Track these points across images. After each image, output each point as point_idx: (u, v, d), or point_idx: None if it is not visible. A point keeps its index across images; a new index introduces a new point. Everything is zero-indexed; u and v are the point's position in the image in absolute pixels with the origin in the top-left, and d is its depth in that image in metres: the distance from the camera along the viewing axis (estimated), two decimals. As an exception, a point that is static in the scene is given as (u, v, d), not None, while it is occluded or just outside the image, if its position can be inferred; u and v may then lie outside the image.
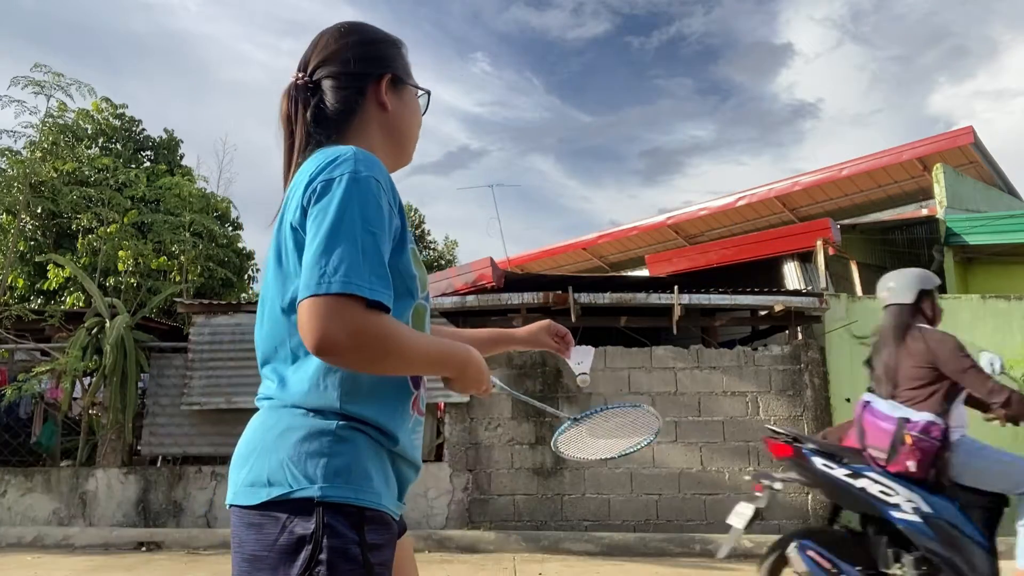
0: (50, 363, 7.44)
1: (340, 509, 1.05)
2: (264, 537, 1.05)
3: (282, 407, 1.13)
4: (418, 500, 7.02)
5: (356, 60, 1.26)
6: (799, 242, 8.35)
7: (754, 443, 7.06)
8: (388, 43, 1.34)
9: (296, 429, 1.10)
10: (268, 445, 1.10)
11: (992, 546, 3.20)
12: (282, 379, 1.14)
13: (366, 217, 1.07)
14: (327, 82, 1.25)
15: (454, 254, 27.44)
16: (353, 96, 1.25)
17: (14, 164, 9.00)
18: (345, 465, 1.08)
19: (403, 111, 1.32)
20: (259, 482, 1.08)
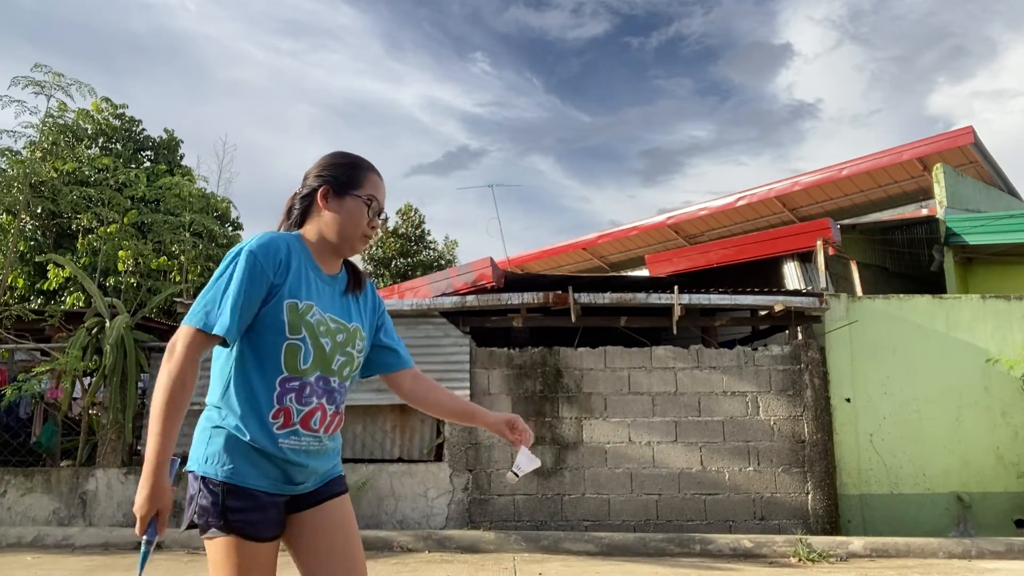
0: (50, 363, 7.44)
1: (207, 481, 1.64)
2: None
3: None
4: (418, 500, 7.03)
5: (313, 176, 1.82)
6: (799, 242, 8.35)
7: (754, 443, 7.06)
8: (344, 164, 1.82)
9: (199, 425, 1.72)
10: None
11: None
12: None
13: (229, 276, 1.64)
14: (302, 189, 1.84)
15: (454, 254, 27.43)
16: (307, 199, 1.81)
17: (14, 164, 9.00)
18: (211, 452, 1.67)
19: (338, 214, 1.78)
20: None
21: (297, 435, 1.68)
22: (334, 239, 1.78)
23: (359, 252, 1.86)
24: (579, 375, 7.27)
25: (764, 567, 5.74)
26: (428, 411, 2.20)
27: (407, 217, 27.07)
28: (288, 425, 1.67)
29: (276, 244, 1.67)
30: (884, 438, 7.23)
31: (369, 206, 1.79)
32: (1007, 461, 7.25)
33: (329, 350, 1.72)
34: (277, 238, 1.69)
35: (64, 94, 8.85)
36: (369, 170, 1.83)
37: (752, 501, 6.96)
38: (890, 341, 7.42)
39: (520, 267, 15.29)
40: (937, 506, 7.11)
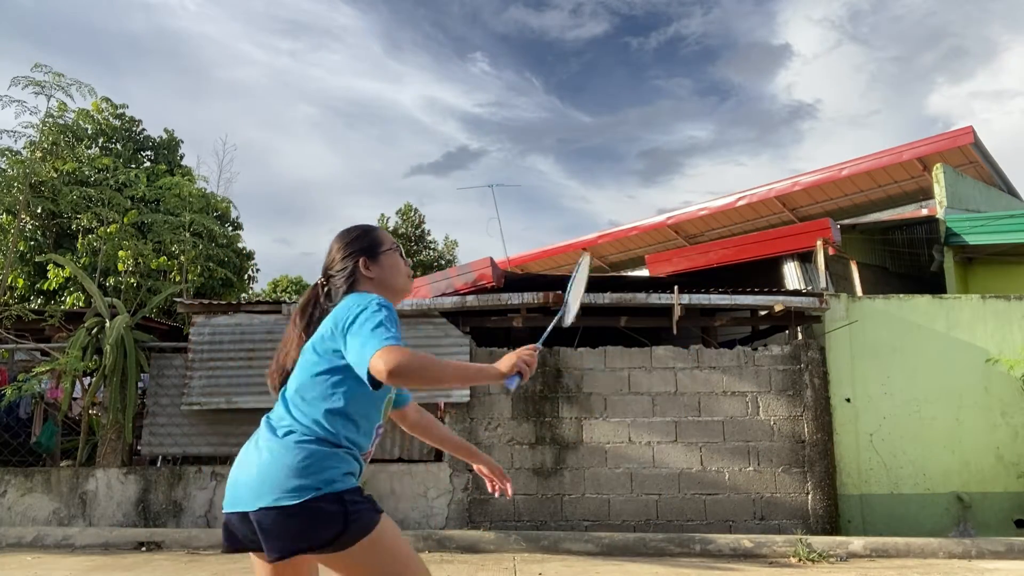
0: (50, 363, 7.43)
1: (345, 495, 1.74)
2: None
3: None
4: (418, 500, 7.02)
5: (341, 259, 2.04)
6: (799, 242, 8.35)
7: (754, 443, 7.06)
8: (360, 235, 2.06)
9: (299, 456, 1.80)
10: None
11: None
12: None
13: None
14: (340, 271, 2.04)
15: (454, 254, 27.43)
16: (351, 277, 2.01)
17: (14, 164, 9.00)
18: (334, 471, 1.78)
19: (383, 272, 2.02)
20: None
21: (362, 468, 1.89)
22: (397, 289, 2.06)
23: (409, 293, 2.15)
24: (579, 375, 7.27)
25: (764, 567, 5.74)
26: (430, 441, 2.36)
27: (407, 217, 27.07)
28: (365, 460, 1.91)
29: (389, 303, 1.88)
30: (884, 438, 7.23)
31: (399, 250, 2.09)
32: (1007, 461, 7.25)
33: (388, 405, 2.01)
34: (384, 300, 1.89)
35: (64, 94, 8.85)
36: (376, 229, 2.12)
37: (752, 501, 6.96)
38: (890, 341, 7.42)
39: (520, 267, 15.29)
40: (937, 506, 7.11)
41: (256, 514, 1.70)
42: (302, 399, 1.90)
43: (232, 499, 1.78)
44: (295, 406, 1.91)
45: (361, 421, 1.86)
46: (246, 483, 1.76)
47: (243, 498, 1.75)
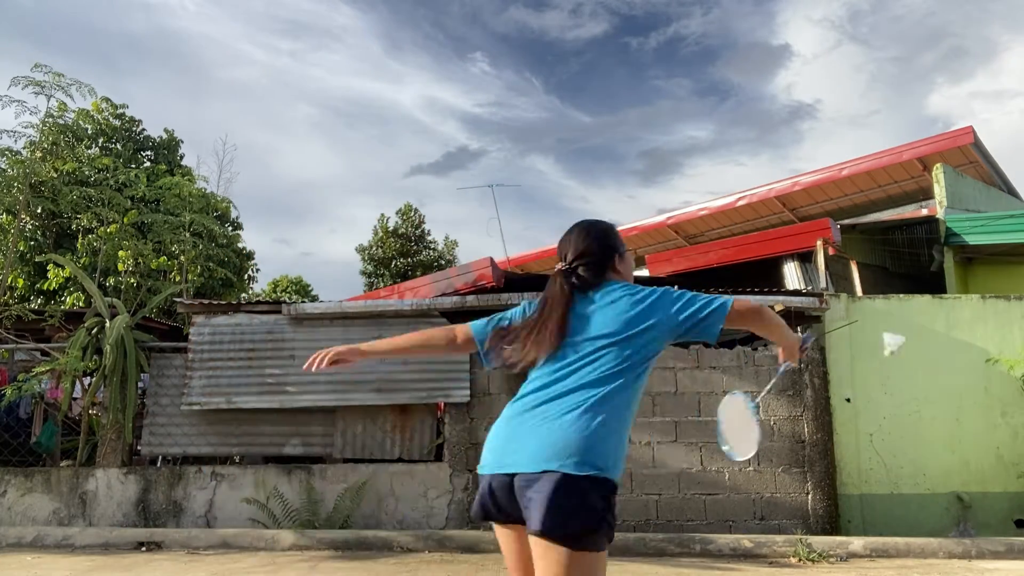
0: (50, 363, 7.43)
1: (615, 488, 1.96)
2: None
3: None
4: (418, 500, 7.02)
5: (600, 248, 2.20)
6: (799, 242, 8.35)
7: (754, 443, 7.05)
8: (613, 233, 2.27)
9: (608, 429, 1.98)
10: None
11: None
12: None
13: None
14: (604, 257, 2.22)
15: (454, 254, 27.43)
16: (603, 268, 2.18)
17: (14, 164, 8.99)
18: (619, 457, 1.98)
19: (626, 269, 2.25)
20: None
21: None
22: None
23: None
24: (579, 375, 7.26)
25: (764, 567, 5.74)
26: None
27: (407, 217, 27.07)
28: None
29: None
30: (884, 438, 7.23)
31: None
32: (1007, 461, 7.25)
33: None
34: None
35: (64, 94, 8.84)
36: (615, 226, 2.34)
37: (752, 501, 6.96)
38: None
39: (520, 267, 15.28)
40: (937, 506, 7.11)
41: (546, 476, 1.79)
42: (604, 386, 1.96)
43: (516, 462, 1.87)
44: (594, 390, 1.95)
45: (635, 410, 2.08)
46: (539, 447, 1.84)
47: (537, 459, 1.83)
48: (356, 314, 7.39)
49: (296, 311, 7.38)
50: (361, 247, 26.82)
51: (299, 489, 7.03)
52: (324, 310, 7.39)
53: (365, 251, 26.72)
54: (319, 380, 7.22)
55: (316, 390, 7.19)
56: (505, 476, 1.88)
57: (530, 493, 1.80)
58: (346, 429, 7.27)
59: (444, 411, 7.30)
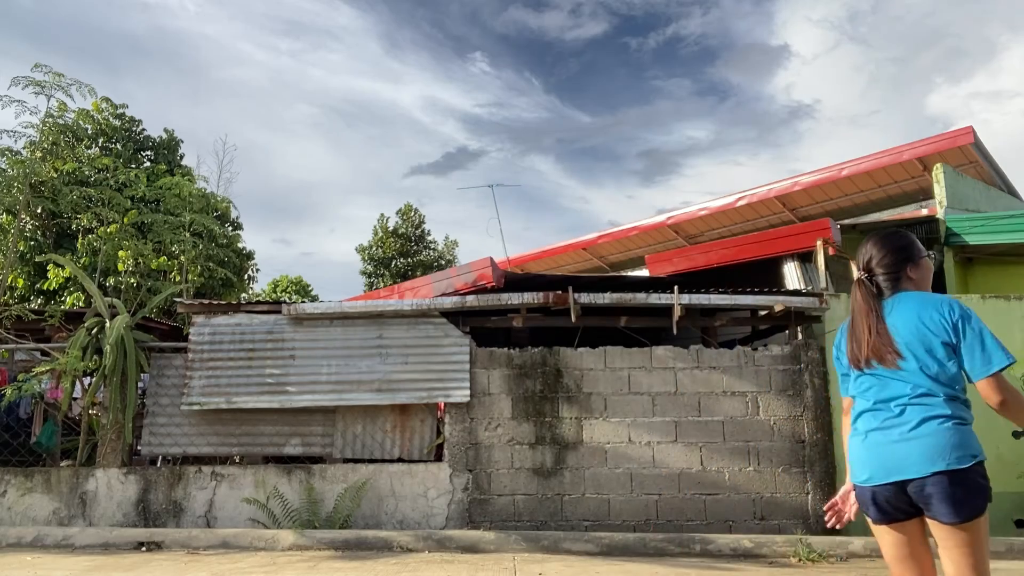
0: (50, 363, 7.43)
1: (983, 466, 2.17)
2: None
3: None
4: (418, 500, 7.02)
5: (889, 263, 2.43)
6: (799, 242, 8.34)
7: (754, 443, 7.06)
8: (905, 244, 2.45)
9: (955, 424, 2.20)
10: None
11: None
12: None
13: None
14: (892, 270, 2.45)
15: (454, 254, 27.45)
16: (898, 277, 2.42)
17: (14, 164, 8.99)
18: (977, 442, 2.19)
19: (920, 276, 2.44)
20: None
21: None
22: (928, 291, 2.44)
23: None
24: (579, 375, 7.27)
25: (764, 567, 5.74)
26: None
27: (407, 217, 27.07)
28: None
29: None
30: (884, 438, 7.21)
31: (931, 257, 2.48)
32: (1007, 461, 7.25)
33: None
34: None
35: (64, 94, 8.84)
36: (915, 237, 2.48)
37: (752, 501, 6.96)
38: (890, 341, 7.41)
39: (520, 267, 15.28)
40: (937, 506, 7.09)
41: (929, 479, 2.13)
42: (943, 386, 2.22)
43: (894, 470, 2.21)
44: (938, 392, 2.22)
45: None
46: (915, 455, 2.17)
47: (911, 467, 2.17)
48: (356, 314, 7.40)
49: (296, 311, 7.38)
50: (361, 247, 26.83)
51: (299, 489, 7.03)
52: (324, 310, 7.39)
53: (365, 251, 26.73)
54: (319, 380, 7.22)
55: (316, 390, 7.19)
56: (893, 484, 2.22)
57: (929, 490, 2.14)
58: (346, 429, 7.27)
59: (444, 411, 7.30)
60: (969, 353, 2.16)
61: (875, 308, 2.35)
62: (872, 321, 2.33)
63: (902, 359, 2.25)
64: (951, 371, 2.20)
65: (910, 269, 2.40)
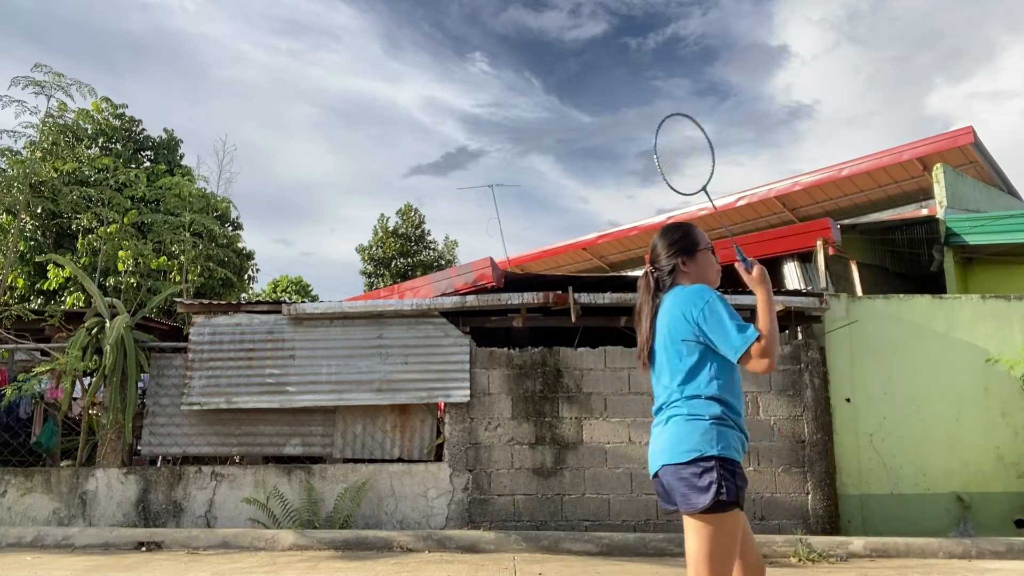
0: (50, 363, 7.43)
1: (726, 462, 2.14)
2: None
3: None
4: (418, 500, 7.02)
5: (666, 256, 2.43)
6: (799, 242, 8.35)
7: (754, 443, 7.06)
8: (682, 235, 2.44)
9: (687, 420, 2.23)
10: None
11: None
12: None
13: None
14: (665, 266, 2.45)
15: (454, 254, 27.45)
16: (672, 271, 2.41)
17: (14, 164, 8.99)
18: (721, 438, 2.18)
19: (698, 268, 2.41)
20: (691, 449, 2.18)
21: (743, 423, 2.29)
22: (709, 285, 2.40)
23: (718, 284, 2.46)
24: (579, 375, 7.27)
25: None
26: None
27: (407, 217, 27.07)
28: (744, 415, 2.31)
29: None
30: (884, 438, 7.23)
31: (711, 250, 2.44)
32: (1007, 461, 7.25)
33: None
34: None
35: (64, 94, 8.83)
36: (695, 228, 2.47)
37: (752, 501, 6.96)
38: (890, 341, 7.42)
39: (520, 267, 15.28)
40: (937, 506, 7.10)
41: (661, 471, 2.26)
42: (683, 384, 2.27)
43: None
44: (677, 391, 2.28)
45: (733, 388, 2.27)
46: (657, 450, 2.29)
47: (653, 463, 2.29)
48: (356, 314, 7.39)
49: (296, 311, 7.38)
50: (361, 247, 26.83)
51: (299, 489, 7.03)
52: (324, 310, 7.39)
53: (365, 251, 26.73)
54: (319, 380, 7.22)
55: (316, 390, 7.19)
56: (656, 478, 2.38)
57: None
58: (346, 429, 7.27)
59: (444, 411, 7.29)
60: (717, 339, 2.21)
61: (649, 305, 2.41)
62: (644, 320, 2.41)
63: (657, 359, 2.35)
64: (690, 367, 2.25)
65: (685, 262, 2.39)
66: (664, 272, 2.42)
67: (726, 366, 2.26)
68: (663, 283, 2.42)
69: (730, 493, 2.09)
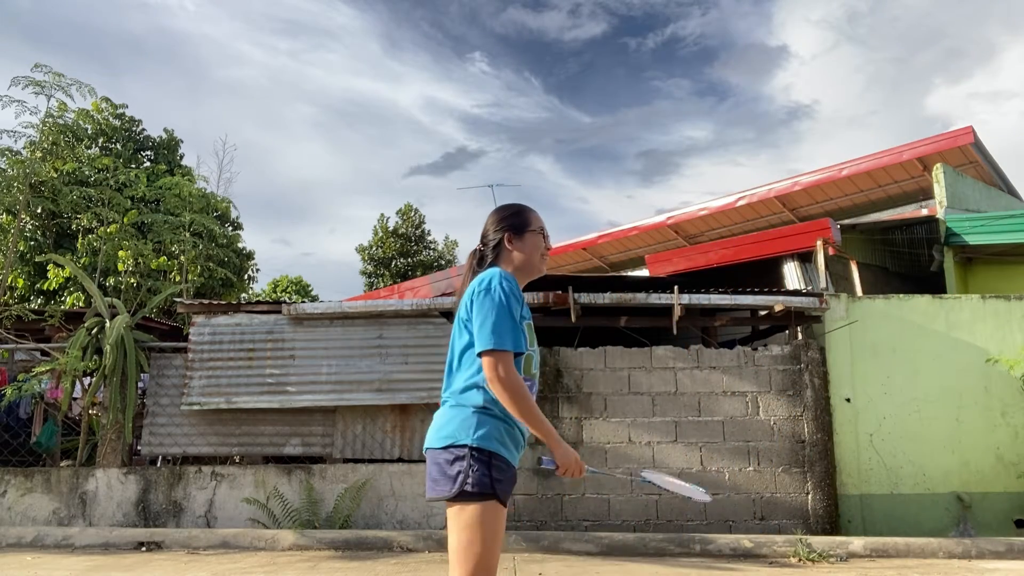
0: (50, 363, 7.43)
1: (480, 452, 2.02)
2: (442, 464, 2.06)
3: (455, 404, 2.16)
4: (418, 500, 7.02)
5: (493, 231, 2.34)
6: (799, 242, 8.34)
7: (754, 443, 7.06)
8: (513, 213, 2.36)
9: (456, 409, 2.13)
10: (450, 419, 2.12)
11: None
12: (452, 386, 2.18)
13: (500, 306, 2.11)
14: (489, 242, 2.35)
15: (454, 254, 27.45)
16: (497, 247, 2.33)
17: (14, 164, 8.99)
18: (480, 429, 2.06)
19: (523, 249, 2.31)
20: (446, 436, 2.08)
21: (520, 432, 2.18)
22: (529, 268, 2.31)
23: (543, 272, 2.37)
24: (579, 375, 7.27)
25: (764, 567, 5.74)
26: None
27: (407, 217, 27.07)
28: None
29: (511, 279, 2.18)
30: (884, 438, 7.23)
31: (542, 234, 2.34)
32: (1007, 461, 7.25)
33: (535, 357, 2.27)
34: (507, 275, 2.18)
35: (64, 94, 8.83)
36: (531, 210, 2.37)
37: (752, 501, 6.96)
38: (890, 341, 7.42)
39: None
40: (937, 506, 7.11)
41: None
42: (458, 369, 2.19)
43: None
44: (454, 375, 2.21)
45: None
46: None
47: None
48: (356, 314, 7.40)
49: (296, 311, 7.38)
50: (361, 247, 26.83)
51: (299, 489, 7.03)
52: (324, 310, 7.40)
53: (365, 251, 26.72)
54: (319, 380, 7.22)
55: (316, 390, 7.19)
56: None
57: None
58: (346, 429, 7.27)
59: (444, 411, 7.29)
60: (474, 328, 2.11)
61: (465, 282, 2.33)
62: (458, 296, 2.31)
63: (452, 338, 2.25)
64: (462, 350, 2.18)
65: (511, 239, 2.29)
66: (489, 247, 2.33)
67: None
68: (485, 259, 2.34)
69: (477, 484, 1.99)
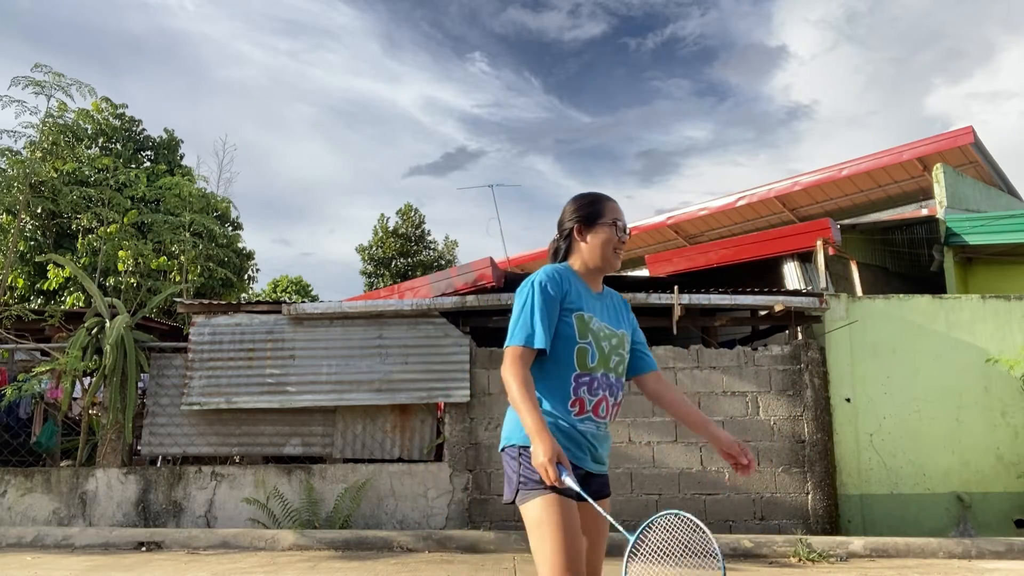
0: (50, 363, 7.43)
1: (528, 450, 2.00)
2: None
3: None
4: (418, 500, 7.02)
5: (567, 221, 2.27)
6: (799, 242, 8.34)
7: (754, 443, 7.06)
8: (586, 203, 2.25)
9: (512, 412, 2.12)
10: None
11: None
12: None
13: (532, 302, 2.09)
14: (561, 233, 2.30)
15: (454, 254, 27.43)
16: (568, 239, 2.27)
17: (14, 164, 8.99)
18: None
19: (593, 242, 2.22)
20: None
21: (591, 420, 2.12)
22: (596, 262, 2.23)
23: (616, 267, 2.27)
24: (579, 375, 7.26)
25: (764, 567, 5.74)
26: (666, 408, 2.36)
27: (407, 217, 27.06)
28: (583, 412, 2.10)
29: (555, 273, 2.15)
30: (884, 438, 7.23)
31: (615, 226, 2.22)
32: (1007, 461, 7.25)
33: (608, 351, 2.15)
34: (553, 269, 2.16)
35: (64, 94, 8.83)
36: (606, 200, 2.26)
37: (752, 501, 6.96)
38: (890, 341, 7.42)
39: (520, 267, 15.28)
40: (937, 506, 7.11)
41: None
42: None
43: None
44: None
45: (550, 382, 2.09)
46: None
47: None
48: (356, 314, 7.39)
49: (296, 311, 7.38)
50: (361, 247, 26.82)
51: (299, 489, 7.03)
52: (324, 310, 7.40)
53: (365, 251, 26.71)
54: (319, 380, 7.22)
55: (316, 390, 7.19)
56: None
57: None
58: (346, 429, 7.27)
59: (444, 411, 7.29)
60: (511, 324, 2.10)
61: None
62: None
63: None
64: None
65: (581, 230, 2.22)
66: (562, 238, 2.28)
67: (545, 357, 2.09)
68: (559, 252, 2.29)
69: (529, 481, 2.01)
